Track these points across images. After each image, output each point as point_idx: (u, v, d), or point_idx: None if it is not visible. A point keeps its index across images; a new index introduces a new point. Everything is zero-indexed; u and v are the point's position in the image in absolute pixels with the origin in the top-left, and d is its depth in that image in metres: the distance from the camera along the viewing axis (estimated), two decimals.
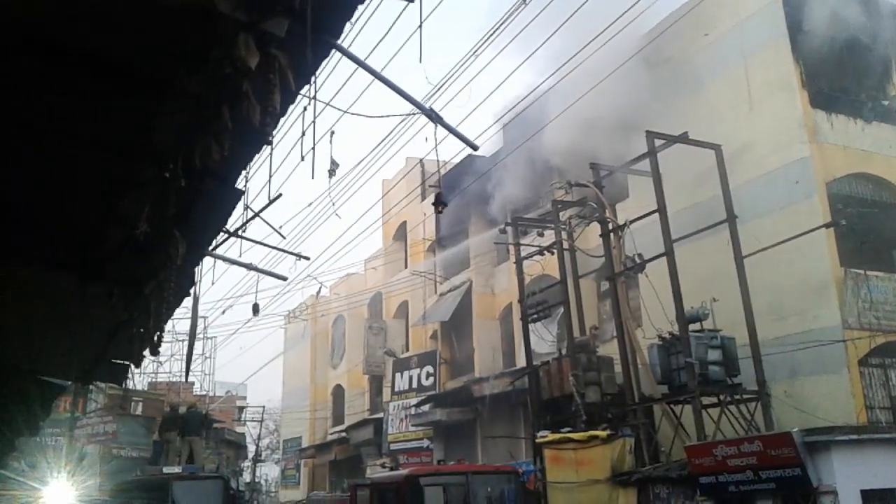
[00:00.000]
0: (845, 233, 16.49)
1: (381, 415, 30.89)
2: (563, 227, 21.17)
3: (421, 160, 31.70)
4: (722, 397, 16.12)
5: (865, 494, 12.32)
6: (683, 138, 17.55)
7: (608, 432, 17.16)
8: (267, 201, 8.56)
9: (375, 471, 25.94)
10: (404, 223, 33.16)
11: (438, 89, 13.72)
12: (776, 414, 15.59)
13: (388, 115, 7.98)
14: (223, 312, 49.91)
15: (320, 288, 31.51)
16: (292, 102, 3.77)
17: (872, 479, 12.56)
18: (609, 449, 16.74)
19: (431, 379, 28.42)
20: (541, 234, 22.17)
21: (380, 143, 22.26)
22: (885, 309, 16.23)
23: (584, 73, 15.39)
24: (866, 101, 18.40)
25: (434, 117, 5.94)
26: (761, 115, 17.77)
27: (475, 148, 6.72)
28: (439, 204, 7.00)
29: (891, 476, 12.67)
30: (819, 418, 14.26)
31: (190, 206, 3.97)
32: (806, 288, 16.24)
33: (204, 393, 35.89)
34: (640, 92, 19.46)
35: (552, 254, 21.30)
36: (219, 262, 10.84)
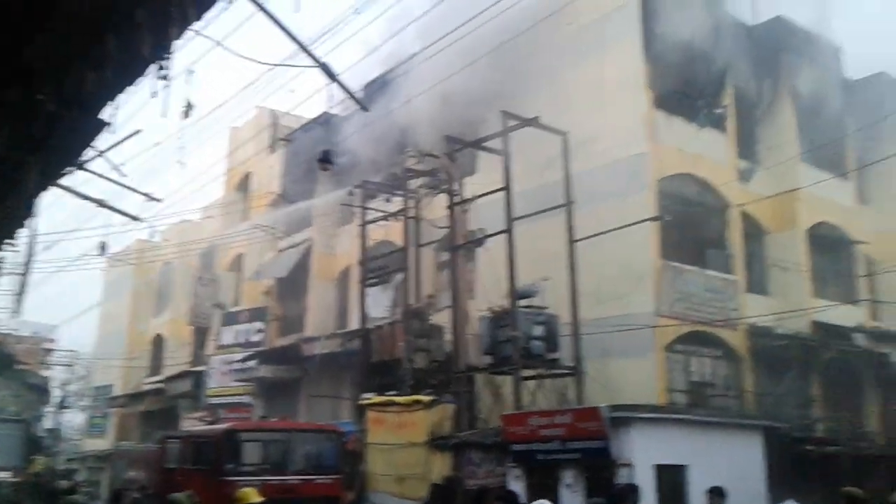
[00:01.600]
0: (668, 228, 17.60)
1: (203, 368, 29.87)
2: (411, 195, 21.26)
3: (273, 112, 30.71)
4: (541, 371, 16.87)
5: (658, 469, 13.24)
6: (534, 122, 18.05)
7: (431, 398, 17.50)
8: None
9: (192, 424, 25.14)
10: (249, 175, 32.07)
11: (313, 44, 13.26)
12: (588, 390, 16.48)
13: (276, 65, 7.35)
14: (48, 248, 46.00)
15: (152, 233, 29.90)
16: (184, 33, 3.45)
17: (666, 455, 13.53)
18: (430, 414, 17.09)
19: (261, 335, 27.79)
20: (388, 200, 22.13)
21: (243, 89, 21.31)
22: (694, 301, 17.53)
23: (449, 46, 15.44)
24: (702, 108, 19.67)
25: (329, 72, 5.68)
26: (609, 109, 18.53)
27: (366, 110, 6.51)
28: (326, 162, 6.71)
29: (682, 453, 13.70)
30: (624, 397, 15.19)
31: (50, 134, 3.56)
32: (628, 275, 17.22)
33: (9, 332, 33.25)
34: (502, 72, 19.79)
35: (398, 220, 21.37)
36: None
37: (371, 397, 18.72)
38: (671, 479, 13.20)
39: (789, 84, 21.25)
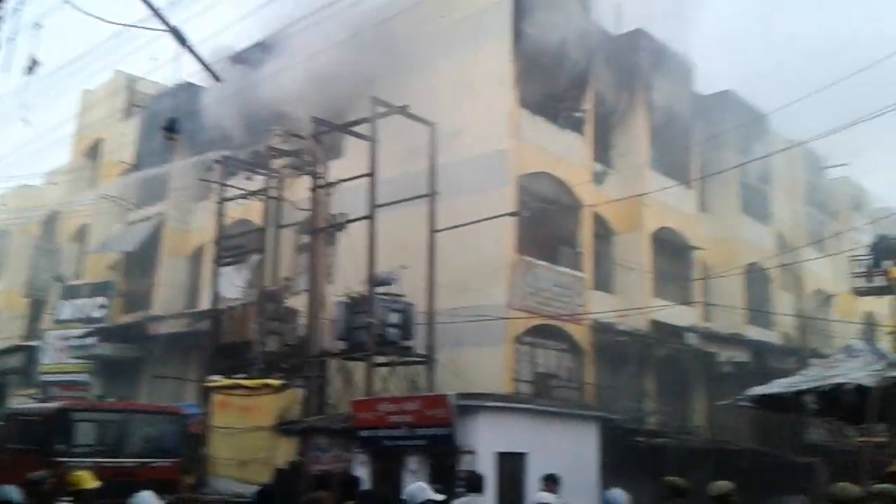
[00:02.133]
0: (525, 224, 18.18)
1: (36, 343, 28.01)
2: (274, 174, 20.80)
3: (129, 76, 29.14)
4: (394, 358, 17.02)
5: (500, 456, 13.69)
6: (403, 111, 18.12)
7: (281, 382, 17.26)
8: None
9: (22, 402, 23.60)
10: (99, 141, 30.28)
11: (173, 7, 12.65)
12: (440, 378, 16.78)
13: (125, 25, 6.99)
14: None
15: None
16: None
17: (508, 443, 14.00)
18: (279, 398, 16.86)
19: (103, 311, 26.36)
20: (249, 178, 21.55)
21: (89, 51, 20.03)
22: (544, 296, 18.21)
23: (321, 24, 15.26)
24: (564, 110, 20.41)
25: (180, 37, 5.40)
26: (476, 104, 18.87)
27: (218, 80, 6.27)
28: (171, 131, 6.42)
29: (523, 442, 14.21)
30: (475, 386, 15.57)
31: None
32: (484, 268, 17.64)
33: None
34: (375, 57, 19.75)
35: (258, 200, 20.85)
36: None
37: (218, 380, 18.20)
38: (511, 467, 13.68)
39: (645, 94, 22.41)
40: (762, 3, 52.46)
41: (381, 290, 17.11)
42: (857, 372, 10.28)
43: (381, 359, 17.12)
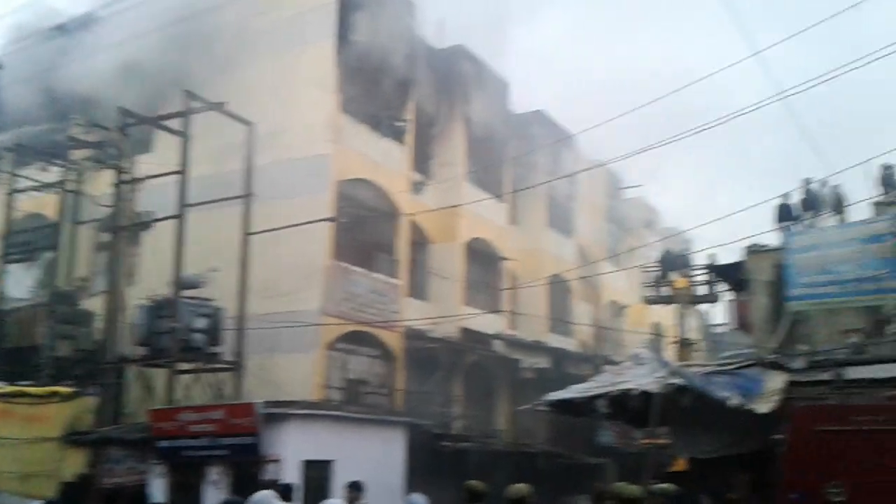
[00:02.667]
0: (343, 229, 18.13)
1: None
2: (73, 166, 19.36)
3: None
4: (199, 365, 16.34)
5: (306, 464, 13.52)
6: (220, 107, 17.48)
7: (72, 390, 16.08)
8: None
9: None
10: None
11: None
12: (249, 386, 16.30)
13: None
14: None
15: None
16: None
17: (316, 450, 13.87)
18: (68, 407, 15.70)
19: None
20: (44, 169, 19.96)
21: None
22: (359, 301, 18.23)
23: (139, 10, 14.42)
24: (385, 119, 20.59)
25: None
26: (298, 106, 18.60)
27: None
28: None
29: (331, 449, 14.14)
30: (285, 393, 15.28)
31: None
32: (299, 272, 17.39)
33: None
34: (192, 50, 18.97)
35: (54, 193, 19.33)
36: None
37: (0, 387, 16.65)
38: (318, 474, 13.55)
39: (463, 108, 23.11)
40: (578, 31, 55.90)
41: (187, 293, 16.37)
42: (642, 378, 11.10)
43: (185, 365, 16.37)
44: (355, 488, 9.55)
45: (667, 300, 21.99)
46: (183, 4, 18.71)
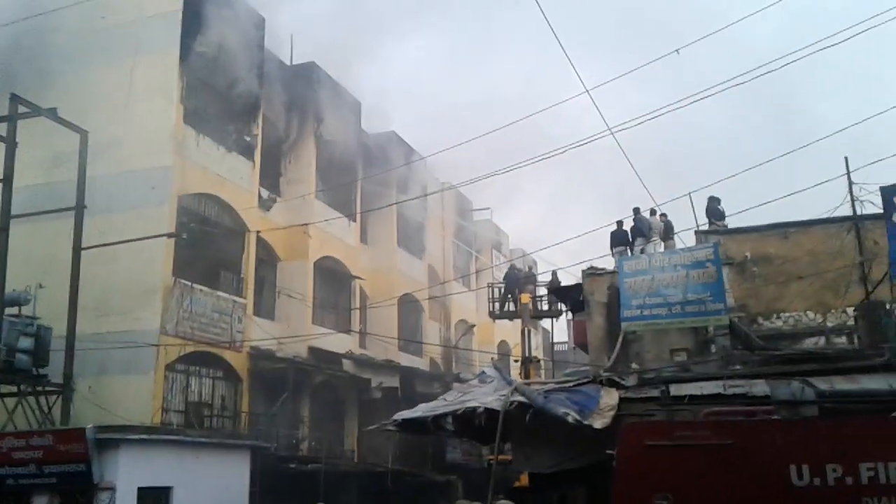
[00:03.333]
0: (184, 245, 17.44)
1: None
2: None
3: None
4: (23, 387, 15.16)
5: (142, 492, 12.86)
6: (51, 113, 16.41)
7: None
8: None
9: None
10: None
11: None
12: (77, 409, 15.29)
13: None
14: None
15: None
16: None
17: (152, 477, 13.22)
18: None
19: None
20: None
21: None
22: (202, 321, 17.58)
23: None
24: (232, 133, 20.06)
25: None
26: (137, 115, 17.80)
27: None
28: None
29: (170, 474, 13.53)
30: (119, 417, 14.46)
31: None
32: (136, 290, 16.56)
33: None
34: (22, 53, 17.77)
35: None
36: None
37: None
38: (155, 502, 12.91)
39: (315, 126, 22.94)
40: (432, 57, 56.95)
41: (11, 311, 15.19)
42: (487, 396, 11.38)
43: (8, 388, 15.14)
44: None
45: (510, 315, 22.78)
46: (17, 4, 17.50)
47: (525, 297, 21.26)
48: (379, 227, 26.57)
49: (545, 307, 21.72)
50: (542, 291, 21.76)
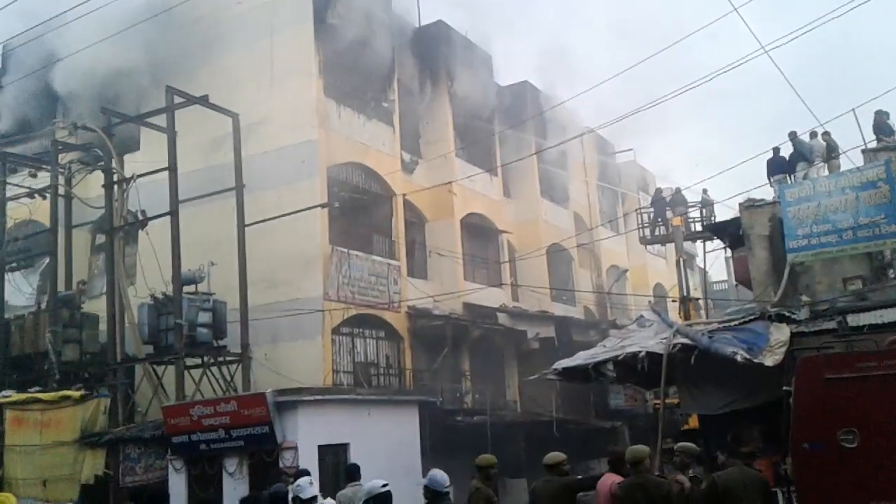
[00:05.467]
0: (337, 214, 18.10)
1: None
2: (61, 170, 19.24)
3: None
4: (206, 359, 16.40)
5: (321, 449, 13.62)
6: (203, 101, 17.38)
7: (82, 392, 16.15)
8: None
9: None
10: None
11: None
12: (256, 376, 16.38)
13: None
14: None
15: None
16: None
17: (329, 434, 13.95)
18: (81, 409, 15.79)
19: None
20: (33, 175, 19.81)
21: None
22: (360, 285, 18.24)
23: (104, 7, 14.23)
24: (370, 101, 20.47)
25: None
26: (280, 93, 18.48)
27: None
28: None
29: (344, 432, 14.22)
30: (294, 380, 15.33)
31: None
32: (298, 260, 17.37)
33: None
34: (168, 47, 18.80)
35: (44, 198, 19.21)
36: None
37: (10, 395, 16.70)
38: (334, 458, 13.66)
39: (448, 84, 22.99)
40: None
41: (188, 289, 16.39)
42: (648, 340, 11.18)
43: (192, 361, 16.42)
44: (351, 472, 9.48)
45: (662, 240, 22.23)
46: (154, 1, 18.53)
47: (676, 220, 20.55)
48: (521, 179, 26.40)
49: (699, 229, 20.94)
50: (695, 214, 21.06)
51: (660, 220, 21.67)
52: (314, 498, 6.69)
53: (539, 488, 7.09)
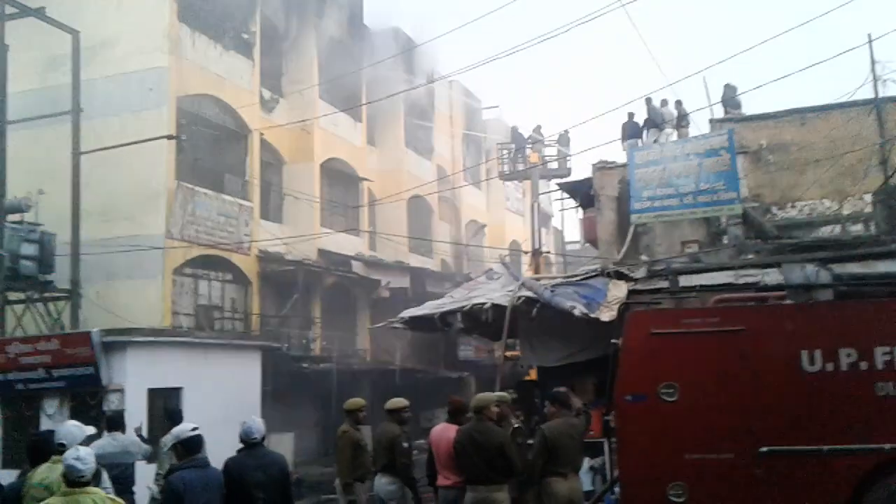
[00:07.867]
0: (185, 148, 17.09)
1: None
2: None
3: None
4: (30, 294, 15.20)
5: (152, 392, 12.97)
6: (40, 14, 15.85)
7: None
8: None
9: None
10: None
11: None
12: (86, 315, 15.34)
13: None
14: None
15: None
16: None
17: (161, 378, 13.30)
18: None
19: None
20: None
21: None
22: (207, 224, 17.38)
23: None
24: (229, 31, 19.33)
25: None
26: (129, 14, 17.11)
27: None
28: None
29: (179, 376, 13.60)
30: (129, 321, 14.45)
31: None
32: (139, 194, 16.31)
33: None
34: None
35: None
36: None
37: None
38: (166, 402, 13.03)
39: (315, 23, 22.09)
40: None
41: (13, 218, 15.07)
42: (494, 293, 11.21)
43: (15, 296, 15.18)
44: (171, 415, 9.10)
45: (520, 176, 22.82)
46: None
47: (534, 156, 20.95)
48: (386, 128, 26.00)
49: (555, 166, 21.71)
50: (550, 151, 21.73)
51: (519, 155, 22.08)
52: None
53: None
